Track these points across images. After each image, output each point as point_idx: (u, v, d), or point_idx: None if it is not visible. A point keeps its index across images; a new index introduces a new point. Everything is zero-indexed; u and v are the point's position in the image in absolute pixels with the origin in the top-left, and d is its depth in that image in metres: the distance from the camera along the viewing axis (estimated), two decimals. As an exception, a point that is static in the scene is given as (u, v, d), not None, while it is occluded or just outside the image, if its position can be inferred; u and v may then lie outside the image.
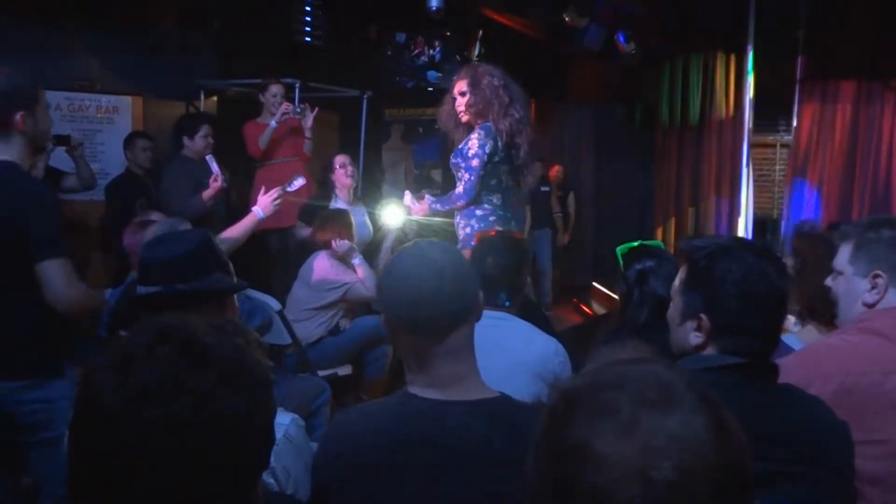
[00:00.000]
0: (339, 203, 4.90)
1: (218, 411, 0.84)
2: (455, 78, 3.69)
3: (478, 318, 1.50)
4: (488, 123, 3.50)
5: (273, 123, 5.15)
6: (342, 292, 4.26)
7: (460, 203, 3.54)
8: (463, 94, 3.58)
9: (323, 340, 4.28)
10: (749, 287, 1.46)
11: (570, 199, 8.15)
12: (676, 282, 1.60)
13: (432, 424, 1.40)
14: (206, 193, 4.48)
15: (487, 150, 3.46)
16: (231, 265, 1.85)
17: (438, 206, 3.65)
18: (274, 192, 3.62)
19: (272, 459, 1.41)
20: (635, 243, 2.61)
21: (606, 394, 0.76)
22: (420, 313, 1.40)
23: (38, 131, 2.42)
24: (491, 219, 3.53)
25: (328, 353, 4.24)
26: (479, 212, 3.54)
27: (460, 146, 3.58)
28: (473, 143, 3.49)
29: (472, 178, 3.47)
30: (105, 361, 0.87)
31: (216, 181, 4.46)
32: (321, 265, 4.33)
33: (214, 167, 4.53)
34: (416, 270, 1.41)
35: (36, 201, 2.32)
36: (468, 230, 3.54)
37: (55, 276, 2.27)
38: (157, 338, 0.87)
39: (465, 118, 3.61)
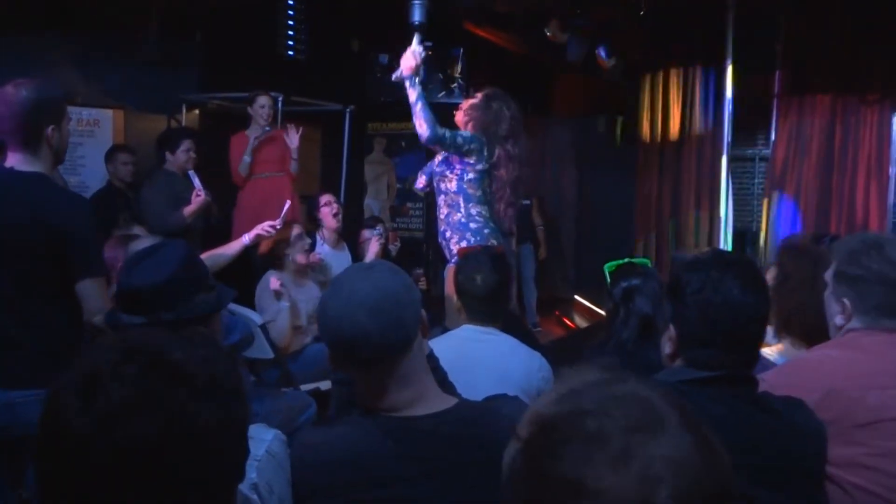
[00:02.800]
0: (323, 247, 4.83)
1: (189, 427, 0.83)
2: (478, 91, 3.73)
3: (424, 336, 1.50)
4: (476, 136, 3.54)
5: (253, 140, 5.14)
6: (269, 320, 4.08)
7: (422, 128, 3.45)
8: (474, 102, 3.62)
9: (302, 352, 4.21)
10: (704, 298, 1.47)
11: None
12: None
13: (400, 439, 1.40)
14: (188, 209, 4.46)
15: (475, 141, 3.49)
16: (210, 277, 1.83)
17: (416, 103, 3.52)
18: (266, 225, 3.62)
19: (255, 475, 1.42)
20: (623, 260, 2.65)
21: (591, 421, 0.73)
22: (358, 353, 1.39)
23: (63, 146, 2.46)
24: (485, 231, 3.51)
25: (308, 366, 4.15)
26: (472, 225, 3.51)
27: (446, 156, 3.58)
28: (465, 134, 3.55)
29: (453, 132, 3.49)
30: (69, 382, 0.84)
31: (198, 196, 4.43)
32: (261, 285, 4.21)
33: (197, 182, 4.51)
34: (346, 312, 1.38)
35: (77, 217, 2.36)
36: (464, 244, 3.51)
37: (94, 294, 2.33)
38: (124, 356, 0.85)
39: (461, 118, 3.63)
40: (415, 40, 3.63)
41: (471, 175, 3.58)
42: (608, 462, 0.70)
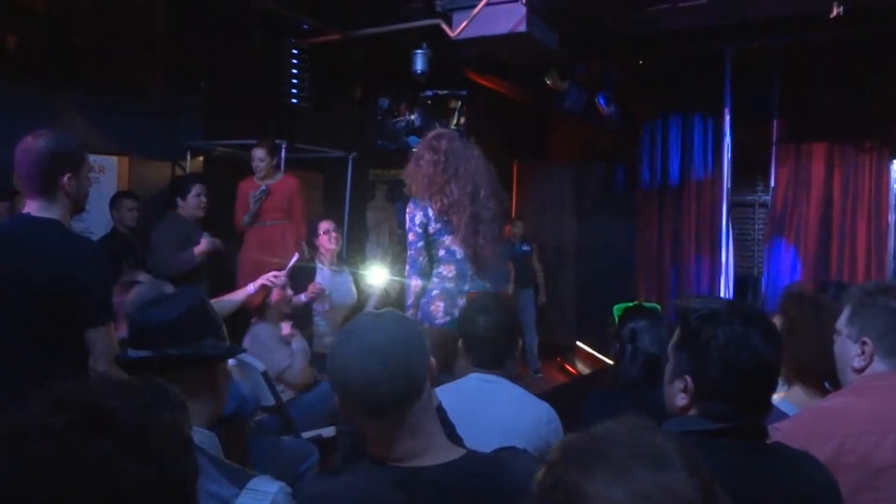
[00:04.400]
0: (322, 269, 4.88)
1: (117, 483, 0.77)
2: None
3: (433, 384, 1.49)
4: (416, 199, 3.50)
5: (253, 203, 5.18)
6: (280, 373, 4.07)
7: (410, 279, 3.51)
8: (407, 168, 3.59)
9: (299, 397, 4.18)
10: (731, 355, 1.45)
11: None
12: (672, 339, 1.60)
13: (407, 489, 1.38)
14: (198, 249, 4.53)
15: (417, 221, 3.46)
16: (224, 328, 1.84)
17: (409, 295, 3.59)
18: (271, 275, 3.68)
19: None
20: (632, 303, 2.68)
21: (601, 445, 0.81)
22: (367, 401, 1.38)
23: (81, 193, 2.49)
24: (434, 293, 3.46)
25: (308, 411, 4.11)
26: (434, 291, 3.48)
27: None
28: (406, 218, 3.53)
29: (410, 251, 3.49)
30: None
31: (206, 239, 4.59)
32: (255, 339, 4.15)
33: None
34: (355, 360, 1.38)
35: (89, 264, 2.40)
36: (432, 307, 3.47)
37: (103, 340, 2.36)
38: (52, 408, 0.81)
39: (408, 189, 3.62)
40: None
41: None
42: (606, 477, 0.78)
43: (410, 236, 3.49)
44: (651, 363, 2.41)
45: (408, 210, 3.53)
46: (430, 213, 3.45)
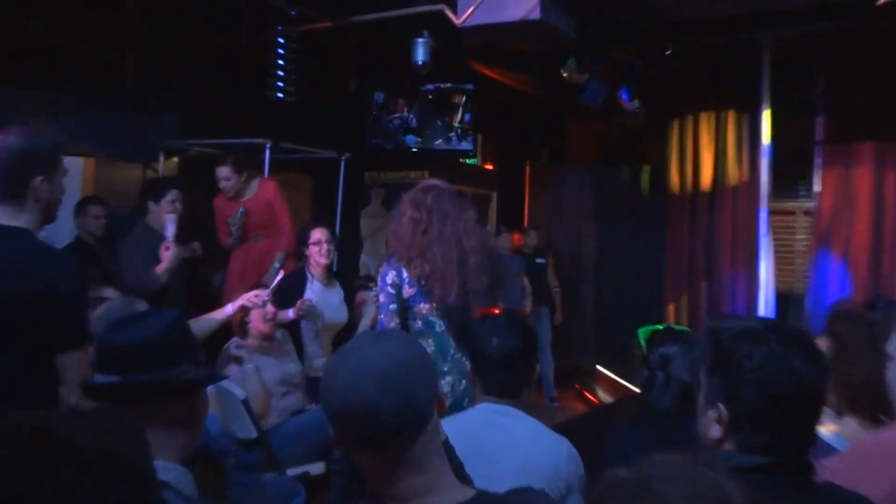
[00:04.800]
0: (312, 285, 4.87)
1: None
2: None
3: (441, 413, 1.49)
4: (394, 258, 3.50)
5: (235, 229, 5.18)
6: None
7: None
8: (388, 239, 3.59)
9: (283, 426, 4.17)
10: (768, 376, 1.45)
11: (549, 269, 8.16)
12: (704, 363, 1.61)
13: None
14: (160, 267, 4.45)
15: (389, 280, 3.44)
16: (202, 352, 1.85)
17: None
18: (252, 295, 3.72)
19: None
20: (660, 326, 2.72)
21: (657, 484, 0.78)
22: (365, 431, 1.36)
23: (54, 200, 2.47)
24: None
25: (294, 443, 4.12)
26: None
27: None
28: (378, 278, 3.51)
29: (381, 314, 3.45)
30: None
31: (167, 249, 4.44)
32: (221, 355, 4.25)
33: (170, 230, 4.50)
34: (353, 384, 1.35)
35: (64, 281, 2.35)
36: None
37: (76, 367, 2.32)
38: (11, 438, 0.84)
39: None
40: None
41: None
42: None
43: (381, 297, 3.46)
44: (685, 392, 2.42)
45: (381, 269, 3.53)
46: (405, 274, 3.43)
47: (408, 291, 3.43)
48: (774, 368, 1.44)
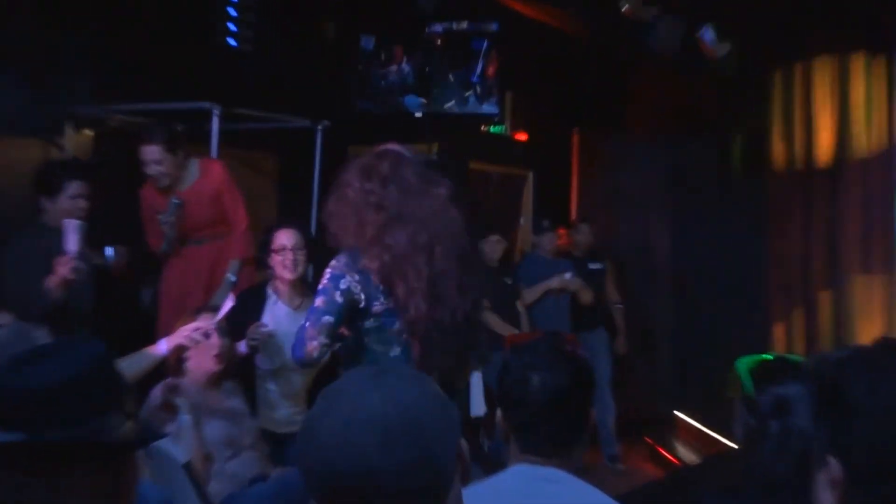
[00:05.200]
0: (275, 306, 4.60)
1: None
2: None
3: (464, 479, 1.51)
4: (350, 252, 3.43)
5: (169, 229, 5.03)
6: None
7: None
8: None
9: (238, 498, 3.90)
10: (892, 415, 1.40)
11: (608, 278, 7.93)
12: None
13: None
14: (51, 280, 4.29)
15: (344, 285, 3.34)
16: (132, 400, 1.89)
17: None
18: (190, 330, 3.75)
19: None
20: (769, 356, 2.72)
21: None
22: (361, 501, 1.29)
23: None
24: None
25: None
26: None
27: None
28: (324, 274, 3.40)
29: (307, 324, 3.33)
30: None
31: (64, 264, 4.25)
32: (148, 401, 4.20)
33: (72, 242, 4.33)
34: (342, 437, 1.29)
35: None
36: None
37: None
38: None
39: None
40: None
41: (369, 322, 3.50)
42: None
43: (319, 301, 3.33)
44: (810, 451, 2.37)
45: (332, 263, 3.40)
46: (374, 280, 3.35)
47: (379, 305, 3.38)
48: None
